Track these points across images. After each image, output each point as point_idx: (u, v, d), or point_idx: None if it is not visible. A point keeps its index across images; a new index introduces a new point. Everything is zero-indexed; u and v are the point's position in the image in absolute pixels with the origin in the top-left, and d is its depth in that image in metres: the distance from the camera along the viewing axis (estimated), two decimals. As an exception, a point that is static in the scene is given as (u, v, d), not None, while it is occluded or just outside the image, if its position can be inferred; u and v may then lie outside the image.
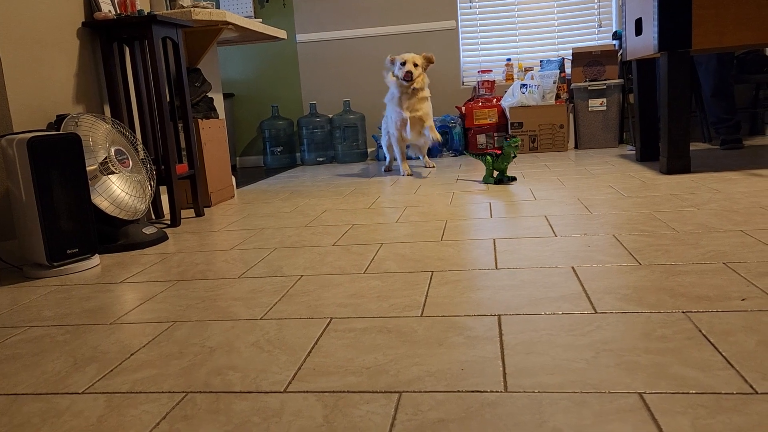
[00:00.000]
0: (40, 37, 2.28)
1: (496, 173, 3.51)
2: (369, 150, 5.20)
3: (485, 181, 3.20)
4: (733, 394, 0.88)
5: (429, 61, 3.69)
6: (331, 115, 5.13)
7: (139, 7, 2.73)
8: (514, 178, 3.17)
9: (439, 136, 3.61)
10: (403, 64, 3.62)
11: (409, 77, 3.57)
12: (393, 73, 3.68)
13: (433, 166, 4.10)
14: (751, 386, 0.89)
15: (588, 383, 0.94)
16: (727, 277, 1.39)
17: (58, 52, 2.37)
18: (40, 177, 1.87)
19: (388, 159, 4.08)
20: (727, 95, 3.78)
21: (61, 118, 2.17)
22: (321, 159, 5.11)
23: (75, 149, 1.97)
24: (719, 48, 2.86)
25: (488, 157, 3.15)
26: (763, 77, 4.22)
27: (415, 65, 3.61)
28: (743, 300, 1.24)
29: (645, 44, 3.07)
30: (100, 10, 2.56)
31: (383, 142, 4.02)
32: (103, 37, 2.56)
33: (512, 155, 3.08)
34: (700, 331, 1.10)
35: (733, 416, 0.82)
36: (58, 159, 1.92)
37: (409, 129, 3.63)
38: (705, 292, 1.31)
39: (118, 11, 2.67)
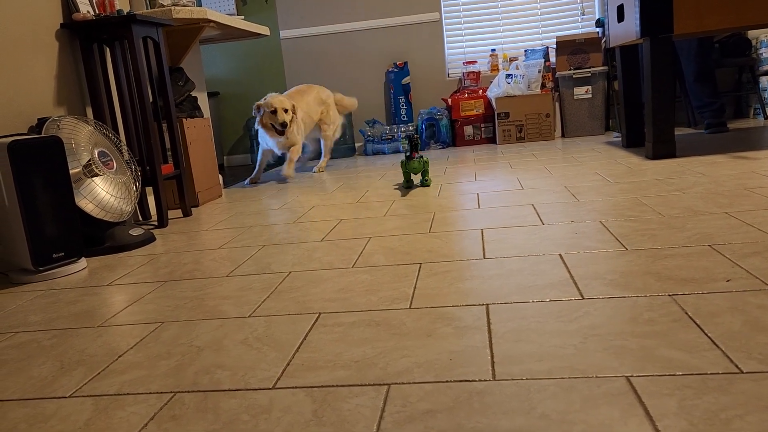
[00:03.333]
0: (16, 40, 2.25)
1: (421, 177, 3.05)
2: (357, 145, 5.19)
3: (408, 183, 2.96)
4: (719, 374, 0.88)
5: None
6: (317, 111, 5.11)
7: (118, 7, 2.71)
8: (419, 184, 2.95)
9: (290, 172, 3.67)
10: (274, 112, 3.50)
11: (282, 129, 3.53)
12: (260, 120, 3.58)
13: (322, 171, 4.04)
14: (737, 366, 0.90)
15: (576, 369, 0.94)
16: (713, 259, 1.40)
17: (36, 55, 2.34)
18: (23, 181, 1.85)
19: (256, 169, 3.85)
20: (710, 79, 3.80)
21: (42, 122, 2.14)
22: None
23: (57, 152, 1.95)
24: (700, 32, 2.87)
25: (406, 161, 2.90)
26: (746, 60, 4.24)
27: (286, 110, 3.52)
28: (728, 281, 1.25)
29: (627, 31, 3.08)
30: (78, 10, 2.53)
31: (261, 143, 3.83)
32: (82, 39, 2.53)
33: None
34: (687, 313, 1.11)
35: (719, 396, 0.82)
36: (41, 163, 1.90)
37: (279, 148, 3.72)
38: (691, 274, 1.31)
39: (97, 12, 2.64)
